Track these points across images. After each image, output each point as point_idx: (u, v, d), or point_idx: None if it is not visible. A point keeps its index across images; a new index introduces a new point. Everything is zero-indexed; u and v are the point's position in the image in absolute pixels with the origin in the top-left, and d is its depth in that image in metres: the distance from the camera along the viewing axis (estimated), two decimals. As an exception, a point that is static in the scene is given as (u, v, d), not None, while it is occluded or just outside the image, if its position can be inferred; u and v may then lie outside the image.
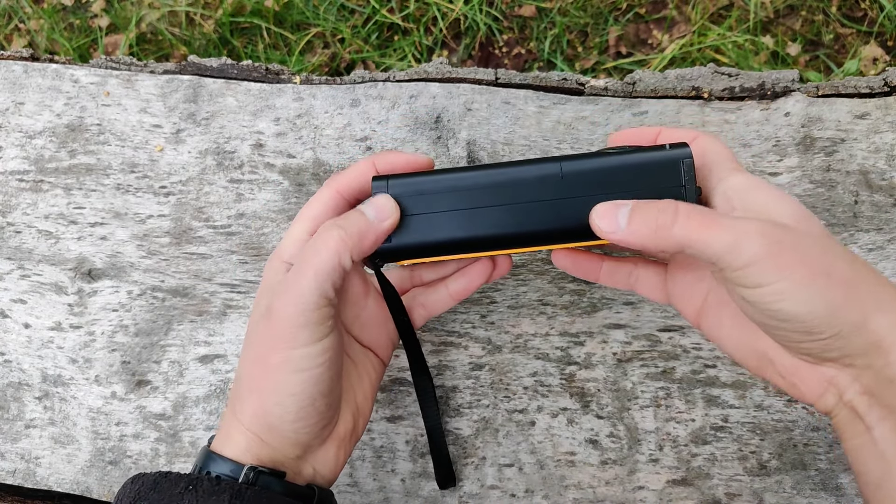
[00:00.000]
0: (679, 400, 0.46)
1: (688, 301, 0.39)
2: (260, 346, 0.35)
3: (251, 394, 0.35)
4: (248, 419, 0.35)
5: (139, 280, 0.50)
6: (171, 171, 0.51)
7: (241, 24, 1.24)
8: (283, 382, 0.34)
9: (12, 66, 0.54)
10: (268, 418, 0.35)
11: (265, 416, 0.35)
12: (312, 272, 0.33)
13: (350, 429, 0.38)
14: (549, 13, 1.21)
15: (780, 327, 0.32)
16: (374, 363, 0.41)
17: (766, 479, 0.45)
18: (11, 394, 0.50)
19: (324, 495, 0.37)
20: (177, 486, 0.33)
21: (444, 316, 0.48)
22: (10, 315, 0.51)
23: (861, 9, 1.17)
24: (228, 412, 0.37)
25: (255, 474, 0.34)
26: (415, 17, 1.21)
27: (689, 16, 1.19)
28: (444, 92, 0.50)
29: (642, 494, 0.46)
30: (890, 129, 0.47)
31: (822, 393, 0.34)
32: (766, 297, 0.31)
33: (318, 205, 0.37)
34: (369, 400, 0.40)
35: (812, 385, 0.34)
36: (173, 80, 0.53)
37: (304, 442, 0.36)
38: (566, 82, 0.50)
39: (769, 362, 0.35)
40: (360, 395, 0.40)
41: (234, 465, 0.35)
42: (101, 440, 0.49)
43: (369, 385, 0.40)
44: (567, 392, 0.47)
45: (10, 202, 0.52)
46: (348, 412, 0.38)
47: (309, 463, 0.37)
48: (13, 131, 0.53)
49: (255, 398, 0.35)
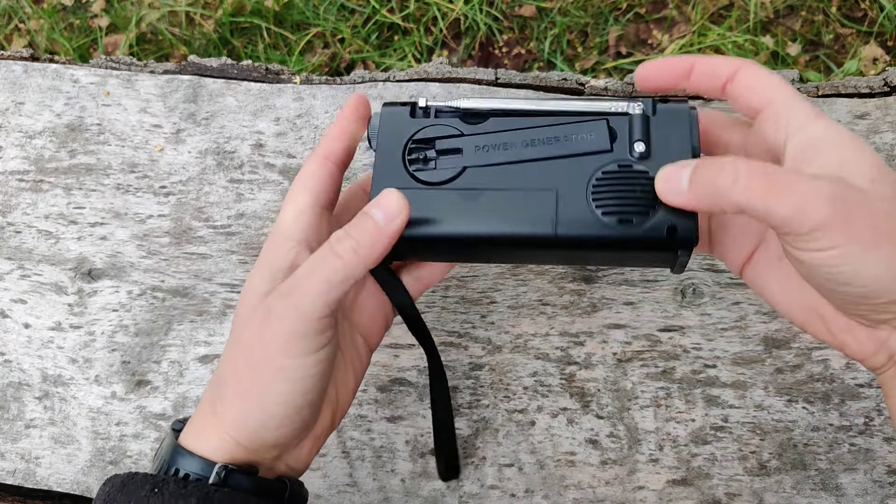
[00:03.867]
0: (679, 400, 0.46)
1: (735, 252, 0.37)
2: (252, 347, 0.34)
3: (236, 397, 0.34)
4: (228, 421, 0.34)
5: (139, 280, 0.50)
6: (171, 171, 0.51)
7: (241, 24, 1.24)
8: (273, 391, 0.33)
9: (12, 66, 0.54)
10: (250, 423, 0.34)
11: (247, 421, 0.34)
12: (321, 286, 0.32)
13: (327, 425, 0.37)
14: (549, 13, 1.21)
15: (839, 290, 0.31)
16: (362, 352, 0.39)
17: (766, 479, 0.45)
18: (11, 394, 0.50)
19: (295, 487, 0.36)
20: (143, 489, 0.32)
21: (444, 316, 0.48)
22: (10, 315, 0.51)
23: (861, 9, 1.17)
24: (206, 407, 0.35)
25: (227, 473, 0.33)
26: (415, 17, 1.21)
27: (689, 16, 1.19)
28: (444, 92, 0.50)
29: (642, 494, 0.46)
30: (890, 129, 0.47)
31: (874, 353, 0.33)
32: (829, 261, 0.29)
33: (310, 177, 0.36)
34: (351, 394, 0.39)
35: (864, 345, 0.33)
36: (173, 80, 0.53)
37: (283, 444, 0.35)
38: (566, 82, 0.50)
39: (819, 319, 0.34)
40: (342, 390, 0.38)
41: (205, 464, 0.33)
42: (101, 440, 0.49)
43: (353, 378, 0.39)
44: (567, 392, 0.47)
45: (10, 202, 0.52)
46: (328, 410, 0.37)
47: (282, 461, 0.36)
48: (13, 131, 0.53)
49: (239, 402, 0.34)
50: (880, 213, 0.29)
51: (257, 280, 0.35)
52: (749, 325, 0.47)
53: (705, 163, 0.31)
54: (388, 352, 0.48)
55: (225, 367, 0.35)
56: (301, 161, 0.51)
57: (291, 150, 0.51)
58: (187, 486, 0.32)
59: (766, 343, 0.46)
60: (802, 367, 0.46)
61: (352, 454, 0.47)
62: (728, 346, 0.47)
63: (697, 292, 0.47)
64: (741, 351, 0.47)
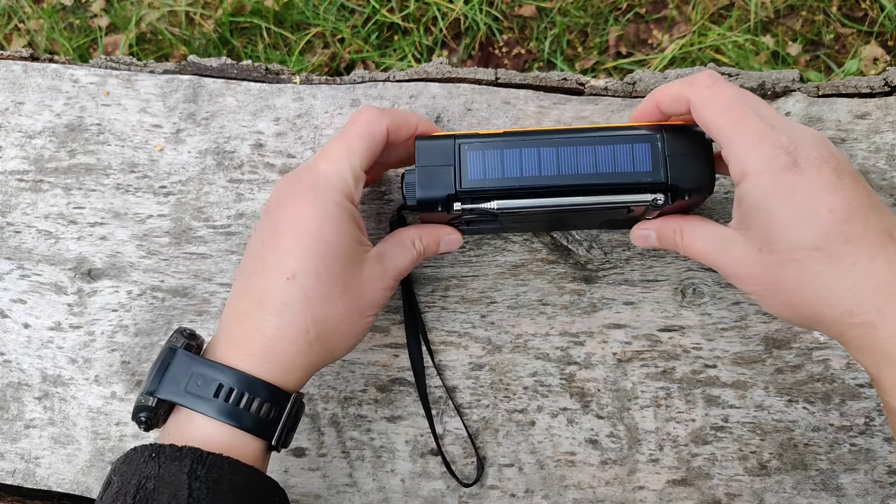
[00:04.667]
0: (679, 400, 0.46)
1: None
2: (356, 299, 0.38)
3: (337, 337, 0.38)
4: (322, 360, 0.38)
5: (139, 280, 0.50)
6: (171, 171, 0.51)
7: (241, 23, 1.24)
8: (361, 328, 0.39)
9: (12, 66, 0.54)
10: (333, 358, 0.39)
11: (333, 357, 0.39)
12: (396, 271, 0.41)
13: None
14: (549, 13, 1.21)
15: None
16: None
17: (766, 479, 0.45)
18: (11, 394, 0.50)
19: (299, 397, 0.39)
20: (142, 455, 0.34)
21: (444, 316, 0.48)
22: (10, 315, 0.51)
23: (861, 9, 1.17)
24: (297, 347, 0.37)
25: (299, 405, 0.38)
26: (415, 17, 1.21)
27: (689, 16, 1.19)
28: (444, 92, 0.50)
29: (642, 494, 0.46)
30: (890, 129, 0.47)
31: None
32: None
33: (369, 135, 0.39)
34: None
35: None
36: (173, 79, 0.52)
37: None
38: (566, 82, 0.50)
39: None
40: None
41: (280, 393, 0.37)
42: (100, 440, 0.49)
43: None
44: (567, 392, 0.47)
45: (9, 202, 0.52)
46: None
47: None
48: (13, 131, 0.53)
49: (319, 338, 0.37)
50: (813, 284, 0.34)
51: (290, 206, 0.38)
52: (749, 325, 0.47)
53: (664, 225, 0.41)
54: (387, 352, 0.48)
55: (324, 308, 0.37)
56: (301, 161, 0.51)
57: (291, 150, 0.51)
58: (181, 451, 0.34)
59: (767, 343, 0.46)
60: (803, 367, 0.46)
61: (352, 454, 0.47)
62: (728, 346, 0.47)
63: (697, 292, 0.47)
64: (741, 351, 0.46)
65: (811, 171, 0.33)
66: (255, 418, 0.35)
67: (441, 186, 0.39)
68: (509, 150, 0.38)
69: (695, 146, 0.38)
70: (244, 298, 0.37)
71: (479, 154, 0.38)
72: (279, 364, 0.36)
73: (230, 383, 0.35)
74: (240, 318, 0.37)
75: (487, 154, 0.38)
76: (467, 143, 0.39)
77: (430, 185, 0.39)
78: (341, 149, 0.38)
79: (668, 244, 0.41)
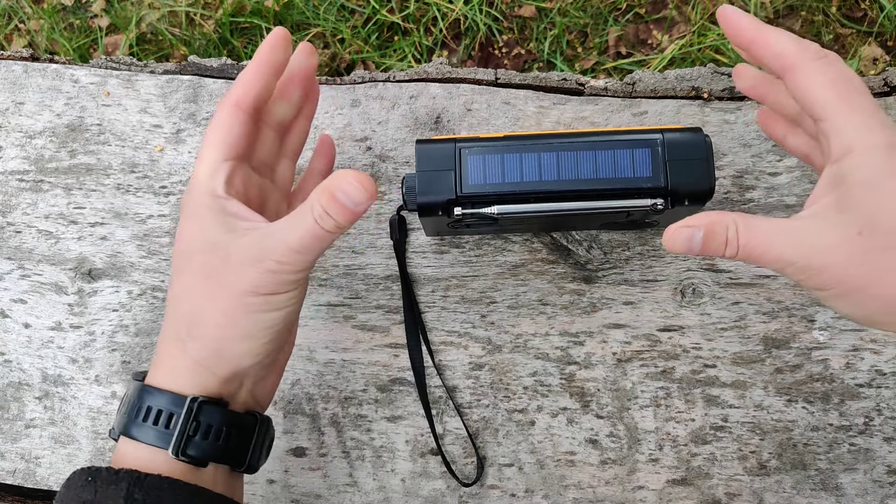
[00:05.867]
0: (679, 400, 0.46)
1: None
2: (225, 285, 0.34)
3: (214, 327, 0.35)
4: (206, 350, 0.35)
5: (139, 280, 0.50)
6: (172, 171, 0.51)
7: (241, 24, 1.24)
8: (248, 317, 0.35)
9: (12, 66, 0.54)
10: (233, 348, 0.35)
11: (230, 345, 0.35)
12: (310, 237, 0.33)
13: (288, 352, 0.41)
14: (549, 13, 1.21)
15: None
16: None
17: (765, 479, 0.45)
18: (11, 394, 0.50)
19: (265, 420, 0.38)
20: (80, 479, 0.33)
21: (444, 316, 0.48)
22: (10, 315, 0.51)
23: (861, 9, 1.17)
24: (172, 346, 0.36)
25: (199, 405, 0.34)
26: (415, 17, 1.21)
27: (688, 16, 1.19)
28: (444, 92, 0.50)
29: (642, 494, 0.46)
30: (889, 129, 0.47)
31: None
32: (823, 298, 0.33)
33: (222, 127, 0.37)
34: (297, 321, 0.41)
35: None
36: (173, 80, 0.53)
37: (257, 372, 0.37)
38: (566, 82, 0.50)
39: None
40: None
41: (176, 398, 0.34)
42: (101, 440, 0.49)
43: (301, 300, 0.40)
44: (567, 392, 0.47)
45: (10, 202, 0.52)
46: (292, 335, 0.41)
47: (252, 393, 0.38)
48: (13, 131, 0.53)
49: (217, 331, 0.35)
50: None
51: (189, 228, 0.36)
52: (749, 324, 0.47)
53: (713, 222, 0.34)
54: (388, 352, 0.48)
55: (191, 301, 0.35)
56: (301, 161, 0.51)
57: (291, 150, 0.51)
58: (118, 473, 0.33)
59: (766, 343, 0.46)
60: (802, 367, 0.46)
61: (352, 454, 0.47)
62: (728, 346, 0.47)
63: (697, 292, 0.47)
64: (741, 351, 0.47)
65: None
66: (154, 430, 0.34)
67: (442, 191, 0.39)
68: (510, 154, 0.38)
69: (695, 151, 0.38)
70: None
71: (480, 158, 0.39)
72: (164, 367, 0.36)
73: (130, 397, 0.36)
74: None
75: (488, 158, 0.39)
76: (468, 147, 0.39)
77: (430, 189, 0.39)
78: (204, 147, 0.37)
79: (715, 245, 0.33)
